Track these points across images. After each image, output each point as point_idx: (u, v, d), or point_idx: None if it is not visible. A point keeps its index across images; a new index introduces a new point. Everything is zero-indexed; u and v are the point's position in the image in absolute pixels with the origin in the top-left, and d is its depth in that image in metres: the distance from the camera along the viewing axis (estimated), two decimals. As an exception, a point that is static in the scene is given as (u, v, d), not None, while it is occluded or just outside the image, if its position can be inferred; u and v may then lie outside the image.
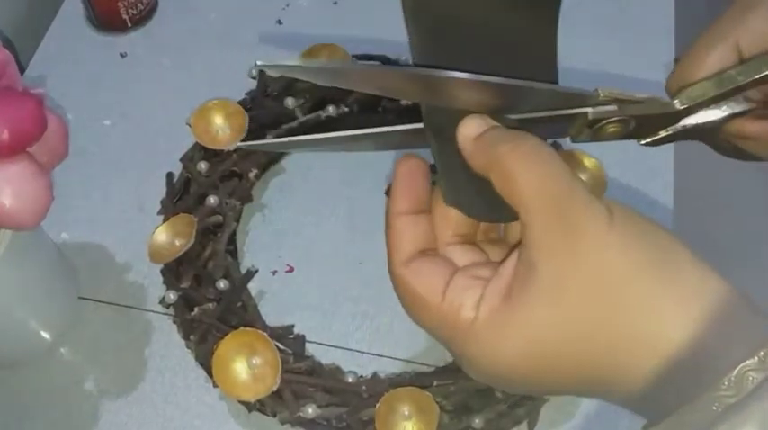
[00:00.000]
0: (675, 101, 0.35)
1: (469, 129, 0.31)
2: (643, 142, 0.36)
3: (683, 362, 0.27)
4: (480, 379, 0.31)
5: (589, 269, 0.28)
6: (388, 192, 0.36)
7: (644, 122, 0.34)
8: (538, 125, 0.32)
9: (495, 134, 0.31)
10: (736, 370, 0.26)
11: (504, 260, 0.31)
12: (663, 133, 0.36)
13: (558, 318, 0.28)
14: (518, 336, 0.29)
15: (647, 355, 0.28)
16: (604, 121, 0.33)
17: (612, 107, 0.33)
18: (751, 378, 0.26)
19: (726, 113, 0.36)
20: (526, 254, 0.29)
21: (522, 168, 0.29)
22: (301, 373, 0.51)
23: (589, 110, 0.33)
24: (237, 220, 0.58)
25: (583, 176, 0.57)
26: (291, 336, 0.54)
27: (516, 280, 0.29)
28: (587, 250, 0.28)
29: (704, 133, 0.37)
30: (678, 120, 0.35)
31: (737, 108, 0.36)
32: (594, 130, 0.33)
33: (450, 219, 0.34)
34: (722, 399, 0.26)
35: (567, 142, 0.59)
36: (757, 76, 0.35)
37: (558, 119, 0.33)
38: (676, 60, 0.66)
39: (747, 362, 0.26)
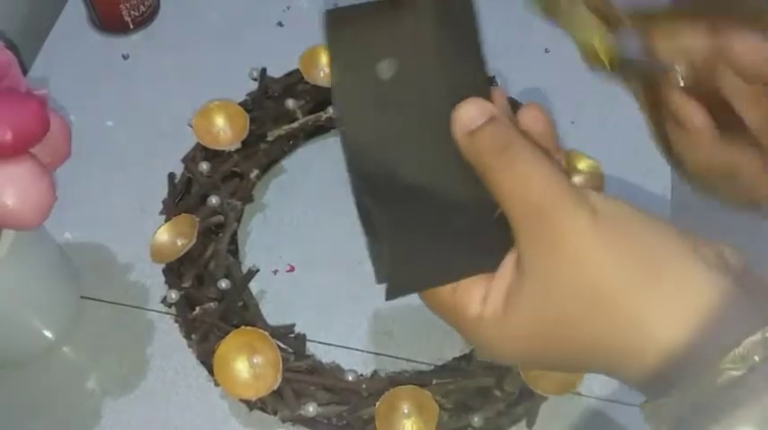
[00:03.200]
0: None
1: (464, 120, 0.31)
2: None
3: (671, 361, 0.28)
4: (490, 359, 0.33)
5: (571, 274, 0.29)
6: None
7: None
8: None
9: (485, 135, 0.31)
10: (740, 347, 0.26)
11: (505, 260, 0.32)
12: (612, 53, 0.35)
13: (544, 320, 0.30)
14: (516, 339, 0.31)
15: (632, 359, 0.29)
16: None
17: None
18: (756, 358, 0.26)
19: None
20: (519, 260, 0.30)
21: (504, 178, 0.30)
22: (302, 372, 0.52)
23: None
24: (239, 220, 0.59)
25: (580, 178, 0.58)
26: (292, 336, 0.55)
27: (512, 285, 0.31)
28: (568, 256, 0.29)
29: (642, 79, 0.36)
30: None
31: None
32: None
33: None
34: (725, 374, 0.26)
35: (565, 143, 0.59)
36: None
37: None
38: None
39: (726, 356, 0.26)
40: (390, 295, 0.32)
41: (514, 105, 0.37)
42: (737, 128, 0.36)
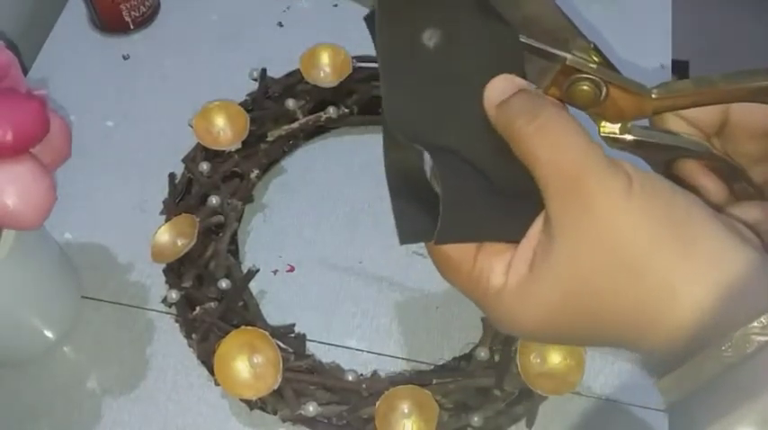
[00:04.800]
0: (653, 89, 0.35)
1: (494, 94, 0.32)
2: (604, 131, 0.35)
3: (696, 332, 0.28)
4: (509, 333, 0.33)
5: (603, 242, 0.29)
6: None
7: (616, 97, 0.34)
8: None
9: (515, 104, 0.31)
10: (739, 331, 0.26)
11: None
12: (624, 129, 0.35)
13: (572, 290, 0.29)
14: (538, 306, 0.30)
15: (658, 328, 0.29)
16: (578, 76, 0.33)
17: (592, 64, 0.33)
18: (754, 341, 0.26)
19: (681, 144, 0.36)
20: (547, 225, 0.30)
21: (537, 142, 0.30)
22: (302, 372, 0.52)
23: (569, 56, 0.33)
24: (239, 220, 0.59)
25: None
26: (292, 335, 0.55)
27: (539, 249, 0.30)
28: (602, 224, 0.29)
29: (658, 156, 0.37)
30: (648, 113, 0.35)
31: (694, 145, 0.36)
32: (567, 85, 0.33)
33: None
34: (723, 359, 0.26)
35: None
36: (736, 87, 0.35)
37: (539, 55, 0.33)
38: (673, 62, 0.67)
39: (752, 324, 0.26)
40: (440, 237, 0.32)
41: None
42: (753, 191, 0.37)
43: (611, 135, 0.35)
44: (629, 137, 0.35)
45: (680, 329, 0.28)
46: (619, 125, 0.35)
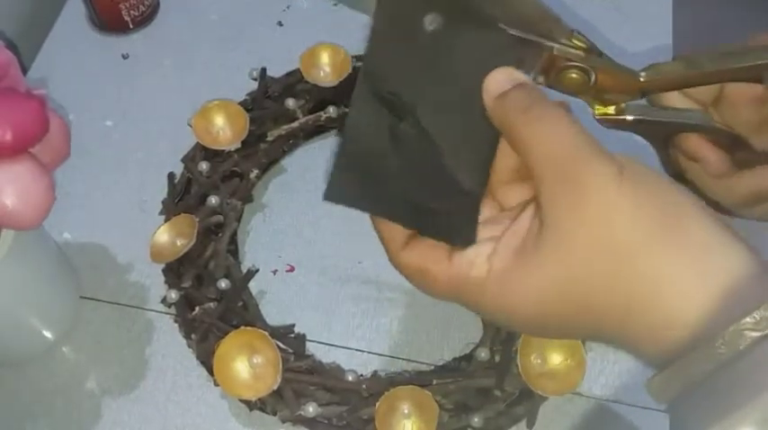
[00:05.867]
0: (641, 72, 0.35)
1: (494, 86, 0.32)
2: (597, 114, 0.35)
3: (686, 325, 0.28)
4: (501, 326, 0.33)
5: (595, 230, 0.29)
6: None
7: (605, 82, 0.34)
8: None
9: (513, 98, 0.31)
10: (731, 328, 0.26)
11: (519, 215, 0.32)
12: (618, 109, 0.35)
13: (563, 277, 0.29)
14: (526, 291, 0.30)
15: (650, 320, 0.28)
16: (566, 65, 0.33)
17: (579, 52, 0.33)
18: (747, 337, 0.26)
19: (680, 120, 0.36)
20: (538, 213, 0.30)
21: (531, 134, 0.30)
22: (302, 372, 0.52)
23: (555, 45, 0.33)
24: (238, 220, 0.59)
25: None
26: (292, 336, 0.54)
27: (528, 237, 0.30)
28: (594, 212, 0.29)
29: (658, 133, 0.37)
30: (638, 96, 0.35)
31: (693, 119, 0.36)
32: (555, 73, 0.33)
33: None
34: (716, 356, 0.26)
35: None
36: (723, 68, 0.35)
37: (525, 46, 0.33)
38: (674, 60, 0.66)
39: (745, 320, 0.26)
40: (327, 195, 0.33)
41: None
42: (755, 159, 0.37)
43: (607, 116, 0.35)
44: (625, 116, 0.35)
45: (670, 320, 0.28)
46: (613, 107, 0.35)
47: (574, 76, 0.33)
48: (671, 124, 0.36)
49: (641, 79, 0.34)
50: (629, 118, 0.35)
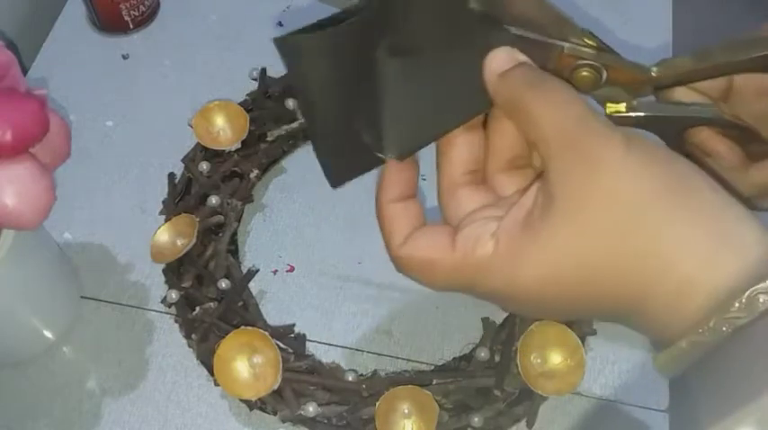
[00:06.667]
0: (653, 67, 0.35)
1: (496, 64, 0.32)
2: (608, 112, 0.35)
3: (699, 284, 0.28)
4: (508, 309, 0.32)
5: (605, 196, 0.29)
6: None
7: (616, 79, 0.34)
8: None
9: (517, 74, 0.32)
10: (747, 293, 0.26)
11: (525, 190, 0.32)
12: (629, 106, 0.35)
13: (575, 244, 0.29)
14: (536, 263, 0.30)
15: (663, 279, 0.28)
16: (577, 63, 0.33)
17: (590, 50, 0.33)
18: (762, 300, 0.26)
19: (692, 114, 0.36)
20: (546, 185, 0.30)
21: (538, 106, 0.30)
22: (302, 372, 0.52)
23: (566, 44, 0.33)
24: (238, 220, 0.59)
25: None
26: (292, 335, 0.55)
27: (536, 209, 0.30)
28: (603, 178, 0.29)
29: (669, 129, 0.37)
30: (649, 92, 0.35)
31: (704, 113, 0.36)
32: (567, 73, 0.34)
33: (457, 158, 0.34)
34: (732, 321, 0.26)
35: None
36: (735, 59, 0.35)
37: (535, 46, 0.33)
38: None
39: (759, 285, 0.26)
40: (333, 181, 0.35)
41: None
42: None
43: (618, 113, 0.35)
44: (636, 113, 0.35)
45: (688, 284, 0.28)
46: (624, 104, 0.35)
47: (585, 74, 0.34)
48: (682, 119, 0.36)
49: (653, 74, 0.35)
50: (641, 114, 0.35)
